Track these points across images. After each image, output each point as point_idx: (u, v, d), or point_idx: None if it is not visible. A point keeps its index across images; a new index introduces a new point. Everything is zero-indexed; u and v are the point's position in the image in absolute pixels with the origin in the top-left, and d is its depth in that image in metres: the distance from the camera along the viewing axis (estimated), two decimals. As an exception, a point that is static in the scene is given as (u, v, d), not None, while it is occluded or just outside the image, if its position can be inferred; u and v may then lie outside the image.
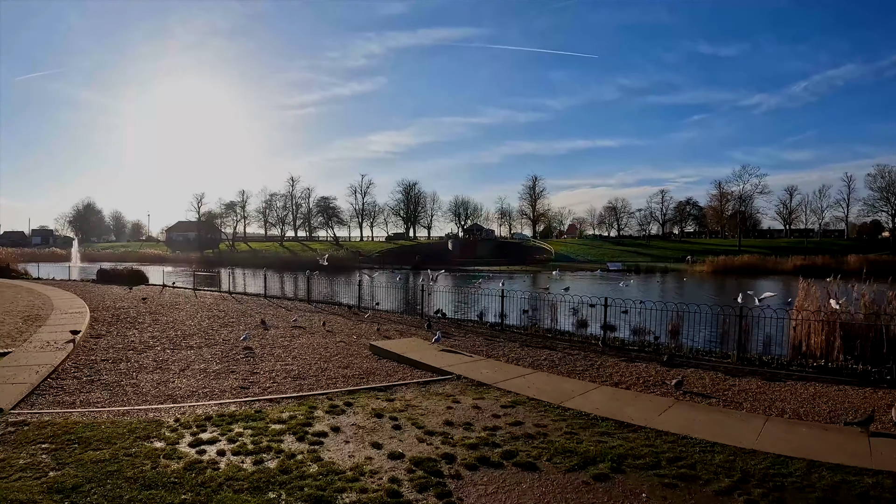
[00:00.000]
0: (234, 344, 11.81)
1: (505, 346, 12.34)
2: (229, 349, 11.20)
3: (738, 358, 11.72)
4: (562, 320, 18.04)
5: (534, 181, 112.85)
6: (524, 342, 13.09)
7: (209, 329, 13.96)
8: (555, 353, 11.89)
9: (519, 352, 11.80)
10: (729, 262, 61.33)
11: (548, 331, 14.99)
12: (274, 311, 18.64)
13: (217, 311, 17.91)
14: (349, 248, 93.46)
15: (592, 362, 10.94)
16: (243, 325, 14.81)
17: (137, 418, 6.50)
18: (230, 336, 12.86)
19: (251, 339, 12.23)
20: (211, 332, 13.51)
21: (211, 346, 11.56)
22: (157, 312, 17.56)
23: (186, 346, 11.49)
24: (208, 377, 8.75)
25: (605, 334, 13.56)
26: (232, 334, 13.11)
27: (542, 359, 11.11)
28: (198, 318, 16.07)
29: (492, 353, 11.45)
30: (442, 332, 14.19)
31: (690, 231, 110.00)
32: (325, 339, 12.78)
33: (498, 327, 15.26)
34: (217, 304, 20.25)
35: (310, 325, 15.11)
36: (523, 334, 14.37)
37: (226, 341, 12.14)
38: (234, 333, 13.28)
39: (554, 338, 13.95)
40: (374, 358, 10.69)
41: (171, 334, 12.99)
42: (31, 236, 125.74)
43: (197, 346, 11.37)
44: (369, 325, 15.18)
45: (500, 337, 13.75)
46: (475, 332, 14.58)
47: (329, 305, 20.73)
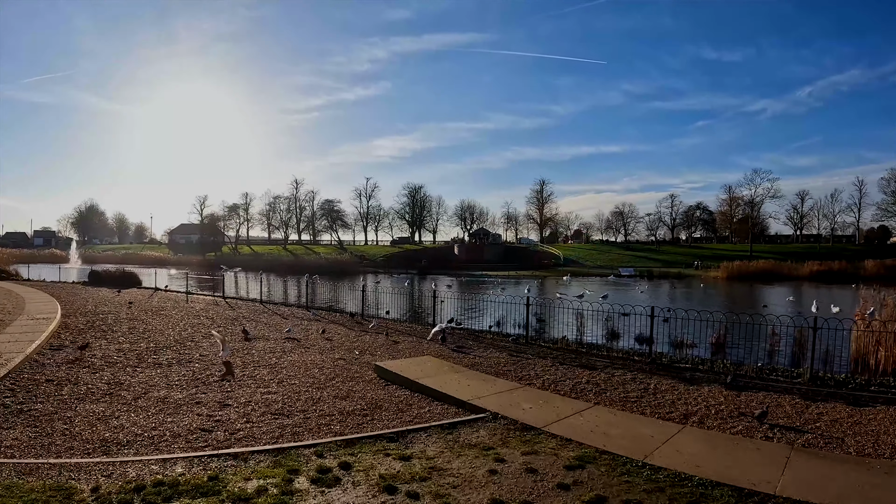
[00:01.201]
0: (211, 361, 9.84)
1: (535, 365, 10.39)
2: (204, 368, 9.22)
3: (810, 377, 9.90)
4: (591, 331, 16.12)
5: (541, 185, 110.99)
6: (556, 358, 11.14)
7: (188, 340, 12.05)
8: (595, 372, 9.96)
9: (554, 372, 9.85)
10: (744, 268, 59.22)
11: (580, 345, 13.02)
12: (268, 318, 16.74)
13: (204, 319, 16.02)
14: (353, 252, 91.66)
15: (646, 386, 9.02)
16: (229, 335, 12.93)
17: (43, 482, 4.53)
18: (210, 350, 10.91)
19: (233, 353, 10.33)
20: (189, 344, 11.59)
21: (184, 363, 9.61)
22: (138, 319, 15.69)
23: (154, 362, 9.55)
24: (165, 411, 6.75)
25: (652, 349, 11.58)
26: (213, 348, 11.18)
27: (583, 381, 9.17)
28: (179, 327, 14.17)
29: (523, 375, 9.49)
30: (457, 345, 12.29)
31: (697, 236, 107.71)
32: (321, 355, 10.81)
33: (522, 340, 13.31)
34: (206, 311, 18.38)
35: (306, 337, 13.18)
36: (552, 349, 12.41)
37: (203, 358, 10.17)
38: (216, 347, 11.38)
39: (588, 353, 11.99)
40: (380, 383, 8.67)
41: (143, 347, 11.07)
42: (32, 237, 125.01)
43: (166, 364, 9.42)
44: (373, 337, 13.25)
45: (527, 352, 11.81)
46: (496, 345, 12.63)
47: (330, 313, 18.82)
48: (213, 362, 9.65)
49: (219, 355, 9.91)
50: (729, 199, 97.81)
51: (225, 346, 8.91)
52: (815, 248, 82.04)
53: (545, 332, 16.63)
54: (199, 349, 10.97)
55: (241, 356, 10.43)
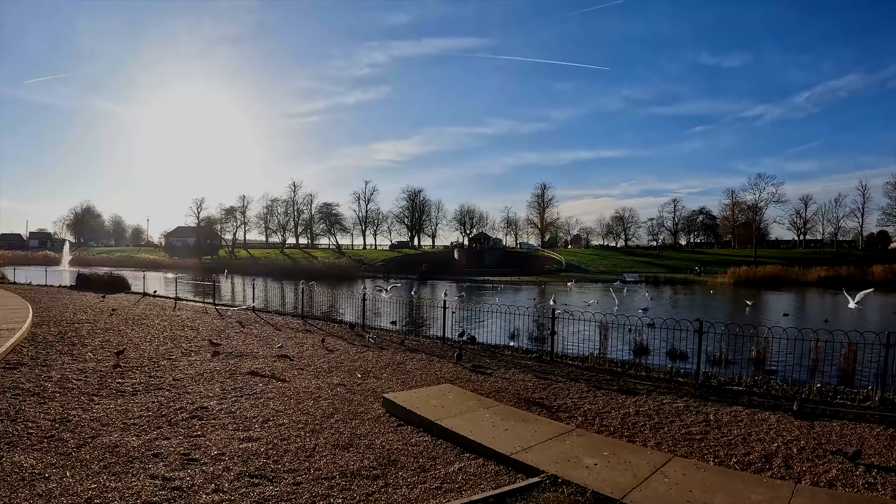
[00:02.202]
0: (184, 388, 8.25)
1: (570, 391, 8.90)
2: (173, 398, 7.61)
3: (880, 401, 8.73)
4: (615, 344, 14.70)
5: (543, 189, 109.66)
6: (590, 381, 9.66)
7: (164, 358, 10.50)
8: (640, 399, 8.53)
9: (593, 400, 8.36)
10: (751, 274, 58.07)
11: (613, 363, 11.54)
12: (259, 329, 15.22)
13: (188, 331, 14.49)
14: (352, 257, 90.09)
15: (705, 418, 7.61)
16: (217, 351, 11.42)
17: None
18: (189, 371, 9.34)
19: (216, 376, 8.84)
20: (164, 364, 10.01)
21: (152, 389, 8.02)
22: (115, 329, 14.17)
23: (117, 389, 7.98)
24: (110, 469, 5.04)
25: (700, 369, 10.09)
26: (192, 368, 9.63)
27: (631, 412, 7.72)
28: (158, 341, 12.64)
29: (560, 405, 7.99)
30: (475, 364, 10.80)
31: (698, 242, 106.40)
32: (317, 379, 9.20)
33: (546, 357, 11.81)
34: (193, 320, 16.86)
35: (300, 353, 11.66)
36: (582, 368, 10.94)
37: (175, 383, 8.55)
38: (197, 367, 9.86)
39: (624, 373, 10.52)
40: (390, 422, 6.96)
41: (109, 367, 9.48)
42: (28, 239, 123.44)
43: (131, 391, 7.83)
44: (377, 354, 11.73)
45: (554, 372, 10.33)
46: (517, 363, 11.15)
47: (327, 323, 17.31)
48: (187, 390, 8.08)
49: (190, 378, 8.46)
50: (731, 204, 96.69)
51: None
52: (820, 253, 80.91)
53: (562, 345, 15.23)
54: (174, 370, 9.39)
55: (220, 380, 8.84)
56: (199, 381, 8.61)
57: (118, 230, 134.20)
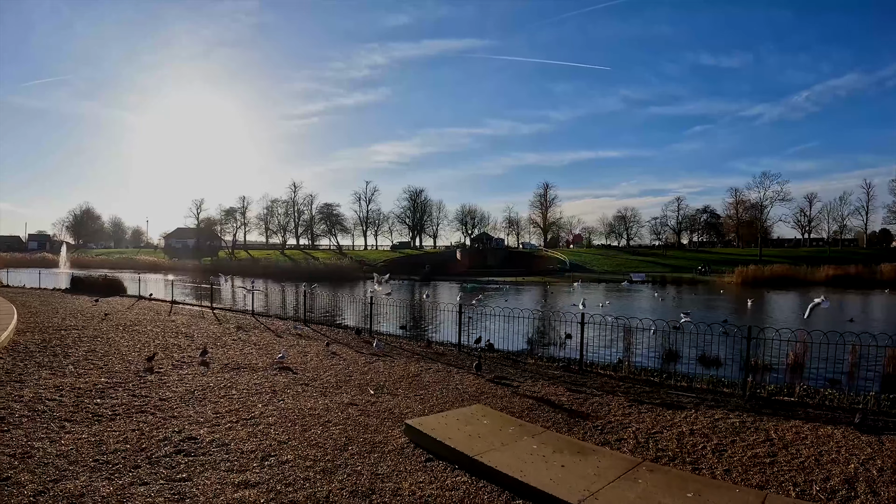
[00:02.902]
0: (172, 412, 7.10)
1: (610, 406, 7.89)
2: (159, 425, 6.48)
3: None
4: (640, 349, 13.70)
5: (545, 188, 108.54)
6: (628, 393, 8.63)
7: (152, 372, 9.44)
8: (690, 414, 7.59)
9: (639, 416, 7.34)
10: (758, 273, 56.98)
11: (649, 372, 10.47)
12: (258, 336, 14.19)
13: (182, 338, 13.47)
14: (353, 258, 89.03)
15: (766, 435, 6.80)
16: (213, 360, 10.40)
17: None
18: (178, 389, 8.26)
19: (209, 394, 7.82)
20: (151, 380, 8.88)
21: (133, 413, 6.94)
22: (104, 337, 13.16)
23: (94, 412, 6.90)
24: None
25: (747, 378, 9.05)
26: (183, 384, 8.55)
27: (685, 431, 6.74)
28: (149, 350, 11.61)
29: (604, 424, 6.99)
30: (497, 375, 9.78)
31: (701, 241, 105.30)
32: (324, 398, 8.11)
33: (574, 366, 10.77)
34: (188, 326, 15.83)
35: (303, 364, 10.63)
36: (615, 378, 9.91)
37: (161, 404, 7.44)
38: (188, 382, 8.83)
39: (663, 384, 9.48)
40: (415, 456, 5.69)
41: (91, 382, 8.47)
42: (27, 241, 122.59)
43: (109, 415, 6.75)
44: (388, 365, 10.68)
45: (587, 384, 9.30)
46: (543, 374, 10.11)
47: (331, 328, 16.26)
48: (175, 413, 6.99)
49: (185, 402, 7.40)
50: (735, 203, 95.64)
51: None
52: (825, 251, 79.92)
53: (583, 350, 14.22)
54: (162, 387, 8.32)
55: (213, 400, 7.75)
56: (188, 400, 7.56)
57: (118, 232, 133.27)
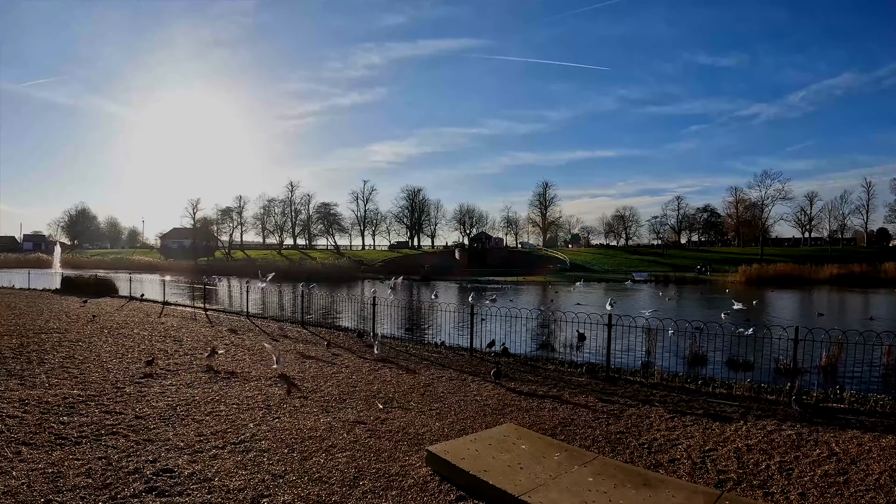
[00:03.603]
0: (148, 431, 6.10)
1: (651, 419, 6.99)
2: (132, 449, 5.49)
3: None
4: (662, 352, 12.83)
5: (544, 188, 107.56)
6: (665, 403, 7.73)
7: (132, 383, 8.48)
8: (738, 425, 6.85)
9: (684, 430, 6.43)
10: (763, 272, 56.26)
11: (681, 378, 9.51)
12: (252, 340, 13.25)
13: (170, 343, 12.52)
14: (351, 258, 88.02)
15: (829, 449, 6.10)
16: (196, 367, 9.48)
17: None
18: (159, 404, 7.28)
19: (193, 410, 6.89)
20: (128, 391, 7.95)
21: (103, 436, 5.93)
22: (86, 341, 12.21)
23: (59, 433, 5.91)
24: None
25: (794, 385, 8.15)
26: (164, 398, 7.55)
27: (742, 448, 5.90)
28: (132, 356, 10.63)
29: (652, 441, 6.08)
30: (517, 382, 8.86)
31: (703, 240, 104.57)
32: (326, 414, 7.09)
33: (602, 373, 9.81)
34: (180, 328, 14.89)
35: (301, 373, 9.66)
36: (646, 385, 8.99)
37: (137, 422, 6.44)
38: (170, 396, 7.89)
39: (699, 391, 8.58)
40: (445, 497, 4.59)
41: (61, 394, 7.49)
42: (22, 242, 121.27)
43: (75, 437, 5.77)
44: (396, 373, 9.73)
45: (618, 392, 8.38)
46: (567, 381, 9.18)
47: (330, 331, 15.31)
48: (151, 435, 5.99)
49: None
50: (735, 202, 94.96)
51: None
52: (827, 250, 79.34)
53: (600, 354, 13.38)
54: (140, 402, 7.34)
55: (197, 418, 6.74)
56: (169, 419, 6.59)
57: (114, 232, 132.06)
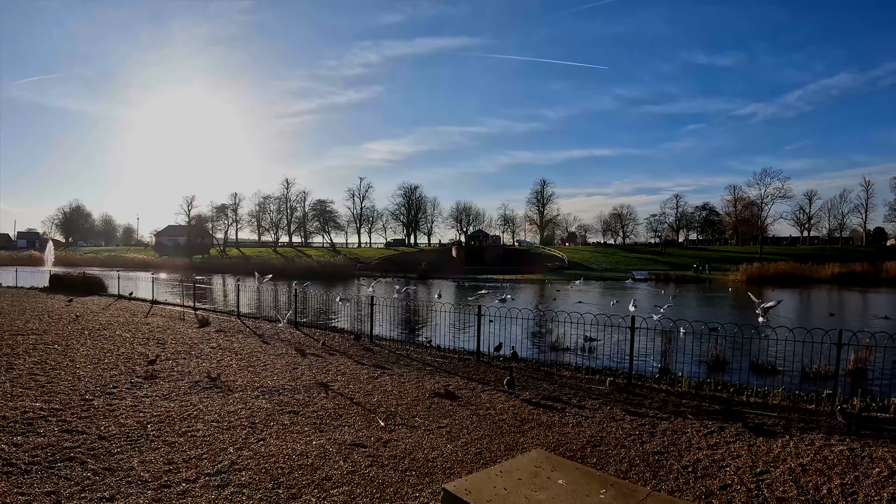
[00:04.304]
0: (110, 457, 5.22)
1: (687, 433, 6.18)
2: (86, 482, 4.60)
3: None
4: (679, 357, 12.04)
5: (542, 185, 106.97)
6: (698, 414, 6.89)
7: (103, 393, 7.61)
8: (785, 440, 5.91)
9: (729, 449, 5.60)
10: (764, 271, 55.64)
11: (709, 385, 8.71)
12: (241, 342, 12.41)
13: (153, 345, 11.65)
14: (347, 255, 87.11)
15: (889, 468, 5.27)
16: (182, 376, 8.62)
17: None
18: (129, 421, 6.40)
19: (167, 430, 6.05)
20: (99, 403, 7.09)
21: (58, 460, 5.07)
22: (63, 343, 11.35)
23: (4, 461, 5.04)
24: None
25: (837, 394, 7.37)
26: (136, 412, 6.74)
27: (796, 468, 5.08)
28: (108, 362, 9.75)
29: (694, 461, 5.19)
30: (534, 393, 8.03)
31: (701, 238, 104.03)
32: (320, 435, 6.16)
33: (622, 381, 8.91)
34: (165, 329, 14.04)
35: (292, 382, 8.79)
36: (672, 394, 8.16)
37: (99, 447, 5.55)
38: (143, 410, 7.06)
39: (731, 400, 7.73)
40: None
41: (21, 408, 6.57)
42: (16, 239, 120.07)
43: (22, 468, 4.85)
44: (397, 382, 8.89)
45: (645, 403, 7.52)
46: (586, 389, 8.36)
47: (326, 332, 14.46)
48: (112, 463, 5.09)
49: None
50: (734, 200, 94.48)
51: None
52: (826, 249, 78.83)
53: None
54: (108, 417, 6.45)
55: (168, 440, 5.86)
56: (137, 441, 5.73)
57: (109, 230, 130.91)
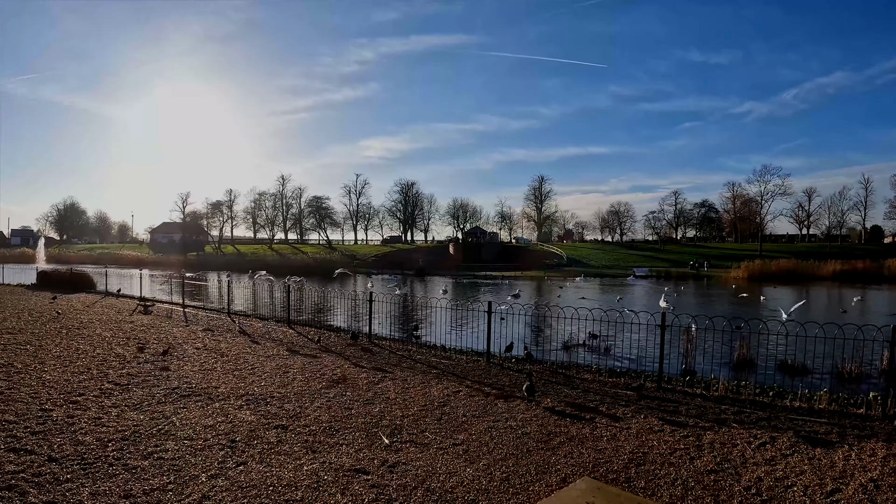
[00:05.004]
0: (56, 484, 4.35)
1: (736, 444, 5.21)
2: None
3: None
4: (699, 357, 11.24)
5: (540, 182, 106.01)
6: (742, 421, 6.01)
7: (70, 399, 6.72)
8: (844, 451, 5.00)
9: (784, 462, 4.71)
10: (766, 268, 54.99)
11: (745, 388, 7.85)
12: (229, 342, 11.47)
13: (132, 346, 10.70)
14: (343, 252, 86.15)
15: None
16: (158, 381, 7.72)
17: None
18: (88, 438, 5.49)
19: (131, 450, 5.17)
20: (58, 414, 6.20)
21: None
22: (35, 344, 10.43)
23: None
24: None
25: (889, 396, 6.53)
26: (100, 426, 5.84)
27: (867, 484, 4.25)
28: (82, 363, 8.85)
29: (755, 480, 4.20)
30: (555, 400, 7.14)
31: (699, 235, 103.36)
32: (311, 457, 5.30)
33: (651, 384, 8.00)
34: (148, 329, 13.12)
35: (281, 390, 7.93)
36: (709, 398, 7.31)
37: (49, 469, 4.69)
38: (107, 424, 6.17)
39: (772, 405, 6.91)
40: None
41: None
42: (10, 237, 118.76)
43: None
44: (400, 387, 7.99)
45: (681, 411, 6.62)
46: (612, 395, 7.45)
47: (320, 331, 13.53)
48: (56, 497, 4.16)
49: None
50: (732, 197, 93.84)
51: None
52: (826, 247, 78.31)
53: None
54: (66, 433, 5.50)
55: (131, 462, 4.97)
56: (93, 464, 4.79)
57: (103, 227, 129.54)
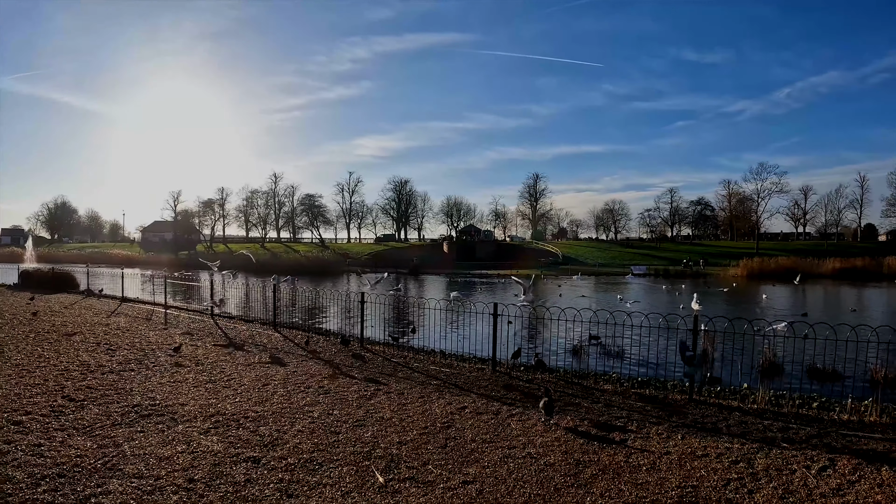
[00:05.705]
0: None
1: (792, 468, 4.32)
2: None
3: None
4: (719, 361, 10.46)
5: (535, 180, 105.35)
6: (789, 439, 5.18)
7: (13, 419, 5.84)
8: None
9: (854, 492, 4.02)
10: (764, 266, 54.49)
11: (782, 397, 7.03)
12: (207, 349, 10.50)
13: (101, 353, 9.73)
14: (336, 251, 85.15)
15: None
16: (120, 397, 6.80)
17: None
18: (17, 475, 4.63)
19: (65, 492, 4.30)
20: (14, 435, 5.41)
21: None
22: None
23: None
24: None
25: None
26: (38, 457, 4.94)
27: None
28: (38, 375, 7.86)
29: None
30: (575, 418, 6.27)
31: (694, 234, 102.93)
32: (296, 489, 4.46)
33: (680, 396, 7.11)
34: (125, 331, 12.17)
35: (261, 408, 7.02)
36: (747, 412, 6.39)
37: None
38: (47, 454, 5.26)
39: (819, 418, 6.08)
40: None
41: None
42: (0, 236, 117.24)
43: None
44: (397, 403, 7.11)
45: (721, 428, 5.74)
46: (639, 409, 6.63)
47: (309, 334, 12.58)
48: None
49: None
50: (728, 195, 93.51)
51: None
52: (823, 245, 78.19)
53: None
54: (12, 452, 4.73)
55: (72, 500, 4.16)
56: None
57: (95, 226, 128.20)
